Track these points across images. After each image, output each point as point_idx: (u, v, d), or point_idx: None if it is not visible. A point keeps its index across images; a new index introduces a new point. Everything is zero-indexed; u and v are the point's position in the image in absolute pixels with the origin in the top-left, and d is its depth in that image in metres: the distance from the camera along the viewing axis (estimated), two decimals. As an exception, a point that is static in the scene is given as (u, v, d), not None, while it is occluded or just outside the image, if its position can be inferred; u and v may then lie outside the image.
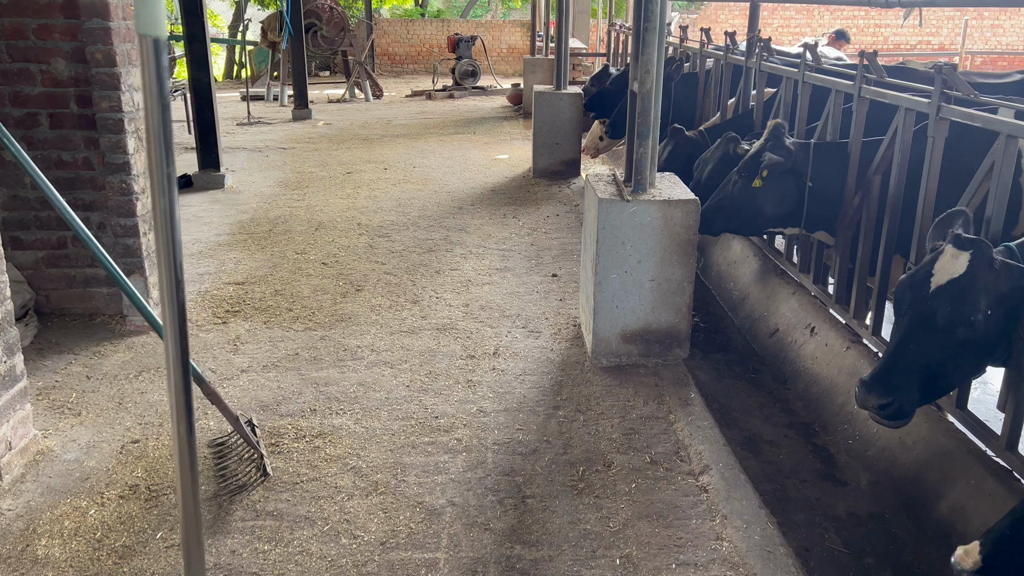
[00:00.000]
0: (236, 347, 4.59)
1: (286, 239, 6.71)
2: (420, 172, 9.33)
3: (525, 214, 7.50)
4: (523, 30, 23.32)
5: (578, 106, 8.59)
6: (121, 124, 4.37)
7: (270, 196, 8.25)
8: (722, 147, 5.25)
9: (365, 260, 6.15)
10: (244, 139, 11.81)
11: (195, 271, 5.90)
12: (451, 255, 6.26)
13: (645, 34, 3.94)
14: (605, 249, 4.11)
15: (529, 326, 4.89)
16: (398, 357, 4.46)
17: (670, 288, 4.19)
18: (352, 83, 16.47)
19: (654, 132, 4.13)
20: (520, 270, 5.91)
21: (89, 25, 4.22)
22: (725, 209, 4.36)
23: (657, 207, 4.05)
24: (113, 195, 4.48)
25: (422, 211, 7.58)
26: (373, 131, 12.40)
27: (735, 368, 4.97)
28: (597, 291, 4.18)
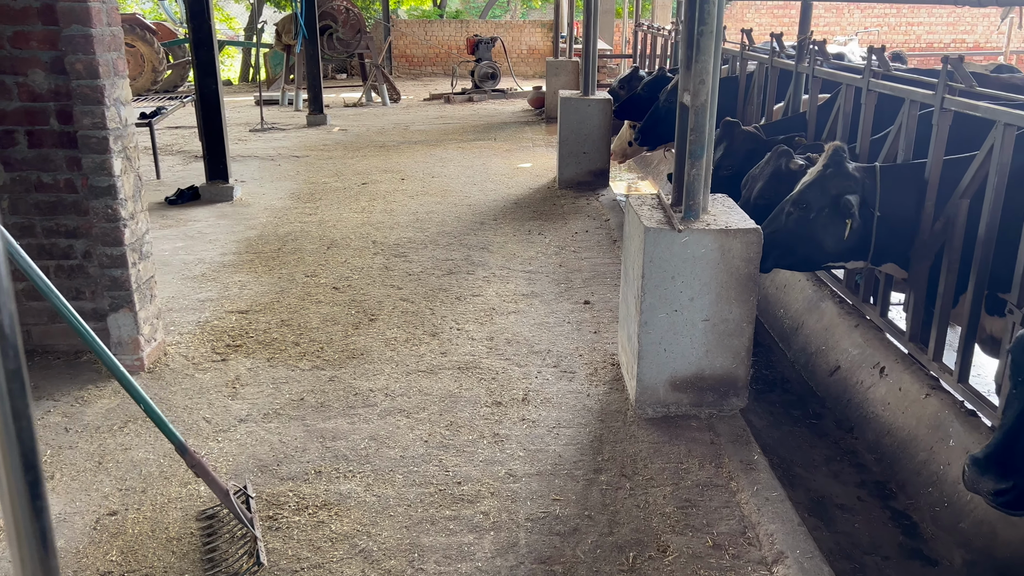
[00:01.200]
0: (235, 390, 4.11)
1: (296, 259, 6.23)
2: (439, 182, 8.84)
3: (551, 230, 6.98)
4: (544, 30, 22.80)
5: (607, 113, 8.06)
6: (106, 143, 3.90)
7: (281, 210, 7.79)
8: (773, 161, 4.71)
9: (380, 284, 5.65)
10: (256, 146, 11.38)
11: (196, 297, 5.43)
12: (473, 278, 5.75)
13: (700, 39, 3.41)
14: (652, 285, 3.58)
15: (561, 364, 4.37)
16: (415, 403, 3.96)
17: (727, 329, 3.65)
18: (369, 86, 16.02)
19: (708, 151, 3.59)
20: (548, 296, 5.40)
21: (68, 32, 3.75)
22: (779, 244, 3.81)
23: (713, 237, 3.52)
24: (98, 221, 4.02)
25: (441, 227, 7.08)
26: (390, 137, 11.92)
27: (793, 412, 4.43)
28: (642, 332, 3.66)
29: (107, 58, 3.85)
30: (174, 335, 4.78)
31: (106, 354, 2.67)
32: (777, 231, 3.77)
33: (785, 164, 4.56)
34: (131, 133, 4.09)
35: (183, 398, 4.02)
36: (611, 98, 8.15)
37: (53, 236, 4.16)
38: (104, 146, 3.89)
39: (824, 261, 3.97)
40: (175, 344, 4.65)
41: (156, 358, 4.39)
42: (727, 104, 7.10)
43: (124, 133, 4.03)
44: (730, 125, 5.32)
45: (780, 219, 3.81)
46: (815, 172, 3.76)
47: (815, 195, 3.69)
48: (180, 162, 10.30)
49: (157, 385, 4.14)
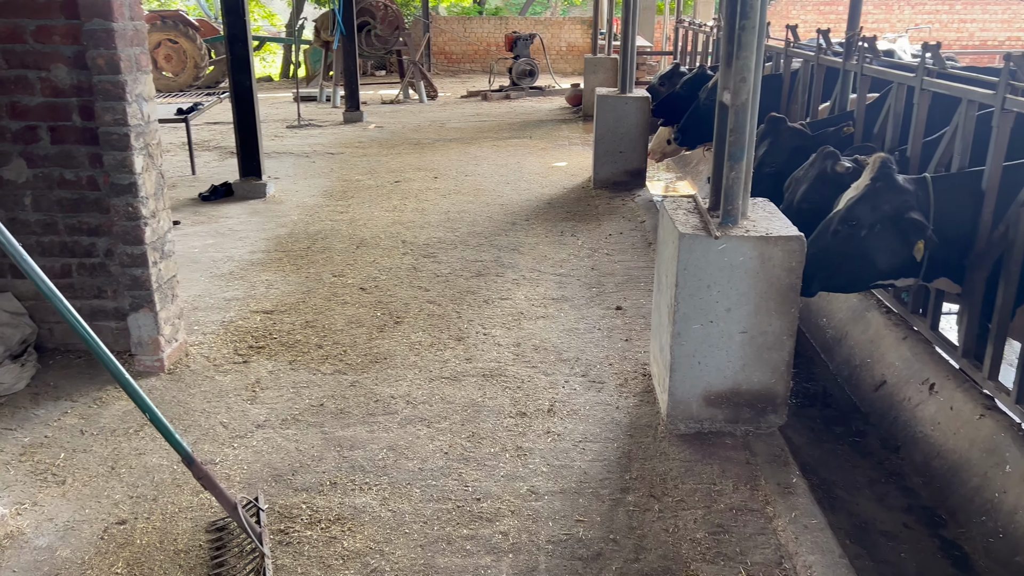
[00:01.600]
0: (255, 394, 4.01)
1: (324, 258, 6.14)
2: (472, 181, 8.70)
3: (585, 231, 6.79)
4: (583, 27, 22.55)
5: (645, 111, 7.85)
6: (127, 139, 3.82)
7: (312, 207, 7.72)
8: (818, 164, 4.47)
9: (407, 285, 5.53)
10: (292, 143, 11.36)
11: (222, 296, 5.36)
12: (502, 280, 5.60)
13: (741, 34, 3.21)
14: (686, 294, 3.39)
15: (590, 374, 4.19)
16: (437, 412, 3.82)
17: (765, 342, 3.45)
18: (406, 83, 15.96)
19: (749, 153, 3.39)
20: (579, 300, 5.22)
21: (90, 27, 3.68)
22: (826, 264, 3.55)
23: (752, 245, 3.32)
24: (119, 220, 3.94)
25: (472, 227, 6.94)
26: (425, 135, 11.83)
27: (835, 428, 4.20)
28: (675, 344, 3.47)
29: (129, 53, 3.77)
30: (197, 335, 4.71)
31: (110, 360, 2.57)
32: (823, 250, 3.53)
33: (831, 167, 4.33)
34: (153, 130, 4.01)
35: (201, 401, 3.93)
36: (649, 96, 7.94)
37: (75, 234, 4.11)
38: (125, 143, 3.82)
39: (873, 281, 3.72)
40: (197, 344, 4.57)
41: (177, 359, 4.32)
42: (770, 102, 6.84)
43: (146, 130, 3.95)
44: (775, 121, 5.09)
45: (826, 237, 3.57)
46: (863, 186, 3.52)
47: (866, 211, 3.45)
48: (216, 158, 10.32)
49: (176, 387, 4.06)
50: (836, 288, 3.92)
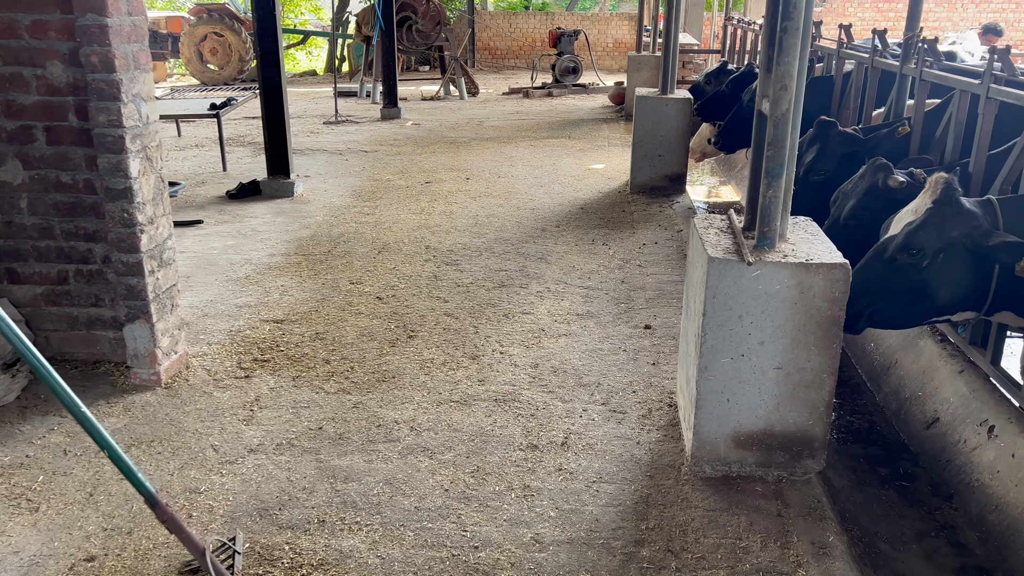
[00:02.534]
0: (252, 414, 3.78)
1: (344, 264, 5.90)
2: (504, 183, 8.41)
3: (617, 240, 6.45)
4: (631, 23, 22.07)
5: (686, 113, 7.46)
6: (121, 142, 3.61)
7: (339, 208, 7.51)
8: (869, 177, 4.08)
9: (426, 295, 5.26)
10: (327, 139, 11.20)
11: (234, 302, 5.16)
12: (525, 292, 5.30)
13: (783, 37, 2.85)
14: (715, 324, 3.06)
15: (611, 402, 3.87)
16: (441, 441, 3.54)
17: (803, 380, 3.09)
18: (447, 80, 15.73)
19: (789, 169, 3.04)
20: (605, 317, 4.89)
21: (83, 22, 3.47)
22: (876, 297, 3.15)
23: (790, 272, 2.96)
24: (114, 226, 3.74)
25: (499, 232, 6.65)
26: (462, 133, 11.57)
27: (880, 470, 3.82)
28: (702, 378, 3.13)
29: (125, 50, 3.56)
30: (202, 344, 4.51)
31: (63, 390, 2.33)
32: (875, 281, 3.14)
33: (883, 181, 3.93)
34: (153, 132, 3.80)
35: (195, 420, 3.71)
36: (691, 97, 7.55)
37: (72, 239, 3.92)
38: (120, 145, 3.60)
39: (930, 317, 3.31)
40: (200, 356, 4.36)
41: (176, 372, 4.11)
42: (819, 106, 6.41)
43: (145, 131, 3.74)
44: (824, 125, 4.69)
45: (877, 267, 3.18)
46: (924, 209, 3.12)
47: (930, 239, 3.04)
48: (249, 154, 10.20)
49: (171, 404, 3.84)
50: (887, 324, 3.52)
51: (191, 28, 19.16)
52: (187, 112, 9.59)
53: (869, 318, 3.30)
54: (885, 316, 3.36)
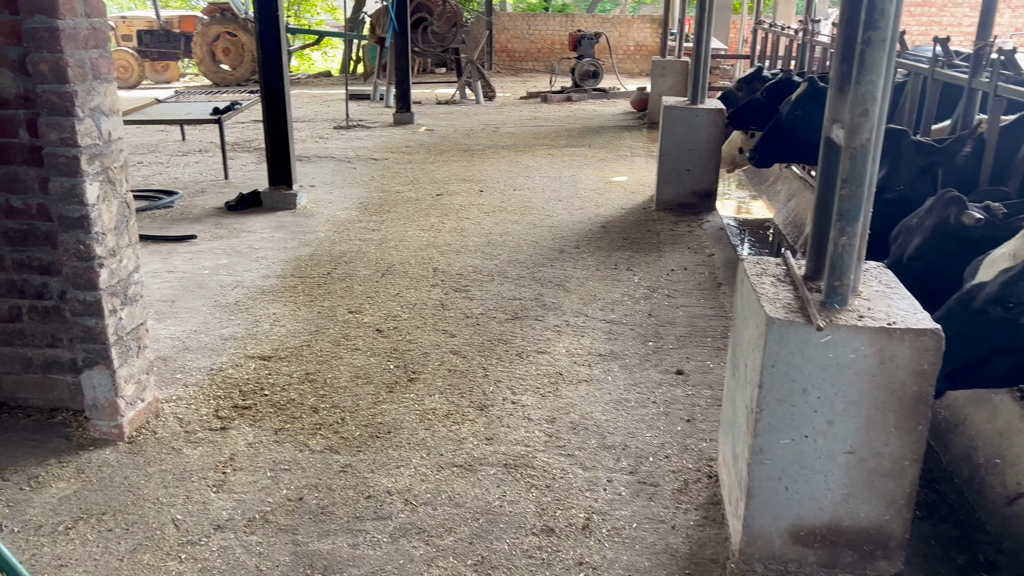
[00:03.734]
0: (224, 477, 3.27)
1: (343, 289, 5.39)
2: (520, 197, 7.87)
3: (642, 264, 5.90)
4: (653, 26, 21.49)
5: (718, 125, 6.90)
6: (76, 163, 3.11)
7: (343, 223, 7.01)
8: (938, 211, 3.52)
9: (431, 328, 4.74)
10: (336, 146, 10.72)
11: (220, 332, 4.66)
12: (541, 326, 4.76)
13: (866, 50, 2.30)
14: (773, 399, 2.51)
15: (640, 470, 3.33)
16: (440, 520, 3.01)
17: (879, 467, 2.54)
18: (463, 83, 15.23)
19: (867, 209, 2.49)
20: (631, 359, 4.35)
21: (30, 24, 2.97)
22: (960, 355, 2.60)
23: (868, 339, 2.41)
24: (69, 259, 3.24)
25: (514, 253, 6.12)
26: (476, 140, 11.05)
27: (955, 556, 3.24)
28: (755, 461, 2.59)
29: (81, 57, 3.06)
30: (178, 386, 4.01)
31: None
32: (960, 336, 2.59)
33: (955, 217, 3.38)
34: (116, 151, 3.30)
35: (158, 485, 3.20)
36: (723, 107, 6.98)
37: (25, 271, 3.43)
38: (74, 167, 3.10)
39: (1022, 381, 2.76)
40: (174, 400, 3.86)
41: (142, 422, 3.61)
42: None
43: (106, 151, 3.24)
44: (896, 134, 4.09)
45: (960, 319, 2.63)
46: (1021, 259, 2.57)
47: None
48: (254, 160, 9.73)
49: (132, 463, 3.34)
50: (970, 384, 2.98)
51: (204, 28, 18.79)
52: (188, 117, 9.13)
53: (951, 379, 2.75)
54: (970, 377, 2.81)
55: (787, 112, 6.09)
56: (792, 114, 6.06)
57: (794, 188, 8.14)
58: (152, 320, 4.85)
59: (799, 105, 6.04)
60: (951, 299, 2.83)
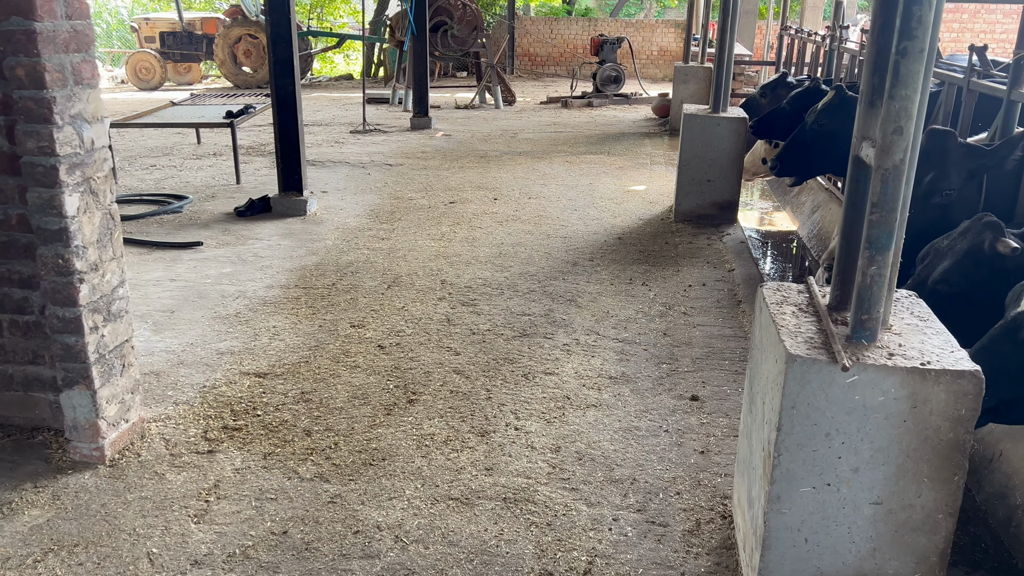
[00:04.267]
0: (206, 507, 3.09)
1: (348, 301, 5.22)
2: (535, 206, 7.67)
3: (659, 279, 5.67)
4: (677, 31, 21.21)
5: (740, 134, 6.66)
6: (54, 173, 2.95)
7: (353, 230, 6.84)
8: (972, 235, 3.27)
9: (435, 345, 4.55)
10: (351, 151, 10.58)
11: (216, 346, 4.50)
12: (550, 345, 4.55)
13: (901, 62, 2.08)
14: (793, 443, 2.28)
15: (649, 508, 3.11)
16: (432, 561, 2.81)
17: (909, 520, 2.30)
18: (482, 87, 15.06)
19: (899, 236, 2.26)
20: (644, 382, 4.12)
21: (6, 27, 2.82)
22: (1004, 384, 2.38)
23: (900, 381, 2.18)
24: (47, 274, 3.08)
25: (525, 266, 5.91)
26: (493, 146, 10.86)
27: (990, 608, 3.00)
28: (772, 510, 2.36)
29: (60, 61, 2.90)
30: (167, 404, 3.84)
31: None
32: (1004, 368, 2.36)
33: (989, 243, 3.14)
34: (99, 160, 3.14)
35: (136, 514, 3.03)
36: (746, 116, 6.73)
37: (5, 284, 3.28)
38: (52, 178, 2.94)
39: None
40: (162, 420, 3.70)
41: (126, 444, 3.44)
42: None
43: (87, 160, 3.07)
44: (941, 136, 3.81)
45: (1004, 350, 2.40)
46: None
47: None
48: (267, 164, 9.61)
49: (111, 489, 3.17)
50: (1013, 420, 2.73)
51: (225, 30, 18.78)
52: (201, 120, 9.02)
53: (993, 414, 2.51)
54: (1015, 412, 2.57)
55: (812, 121, 5.84)
56: (818, 123, 5.80)
57: (819, 200, 7.87)
58: (149, 331, 4.71)
59: (825, 114, 5.79)
60: (994, 329, 2.59)
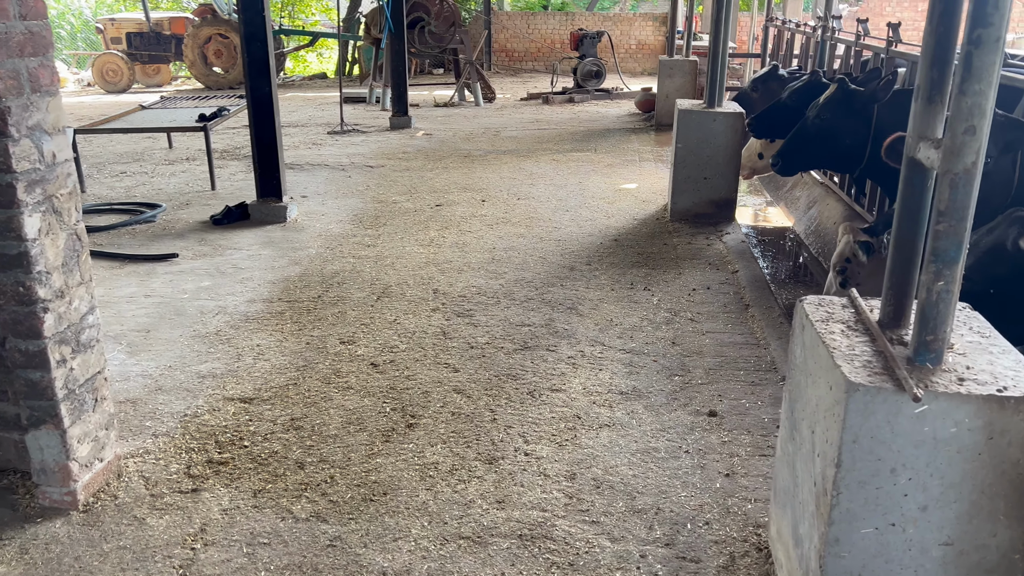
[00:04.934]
0: (191, 556, 2.80)
1: (335, 314, 4.93)
2: (525, 207, 7.41)
3: (660, 283, 5.43)
4: (655, 24, 21.03)
5: (737, 130, 6.43)
6: (12, 192, 2.64)
7: (336, 237, 6.54)
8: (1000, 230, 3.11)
9: (432, 361, 4.28)
10: (330, 152, 10.25)
11: (197, 369, 4.20)
12: (554, 358, 4.30)
13: (974, 53, 1.84)
14: (855, 480, 2.04)
15: (678, 541, 2.86)
16: (447, 611, 2.54)
17: (984, 562, 2.08)
18: (461, 85, 14.76)
19: (964, 249, 2.02)
20: (657, 397, 3.88)
21: (-48, 29, 2.50)
22: None
23: (975, 410, 1.95)
24: (7, 303, 2.77)
25: (520, 271, 5.65)
26: (477, 145, 10.58)
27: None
28: (829, 553, 2.12)
29: (15, 67, 2.59)
30: (146, 436, 3.54)
31: None
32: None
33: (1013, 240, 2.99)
34: (62, 175, 2.83)
35: (114, 568, 2.73)
36: (743, 111, 6.51)
37: (-38, 315, 2.95)
38: (8, 197, 2.64)
39: None
40: (140, 455, 3.40)
41: (101, 485, 3.14)
42: (904, 125, 5.39)
43: (49, 176, 2.77)
44: None
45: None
46: None
47: None
48: (243, 168, 9.27)
49: (85, 538, 2.87)
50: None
51: (195, 30, 18.29)
52: (173, 125, 8.65)
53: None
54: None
55: (815, 116, 5.63)
56: (820, 119, 5.60)
57: (815, 195, 7.68)
58: (123, 354, 4.39)
59: (828, 109, 5.58)
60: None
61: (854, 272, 4.71)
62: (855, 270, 4.71)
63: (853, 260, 4.69)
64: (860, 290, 2.54)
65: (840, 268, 4.73)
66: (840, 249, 4.75)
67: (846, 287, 4.75)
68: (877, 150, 5.48)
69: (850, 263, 4.70)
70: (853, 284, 4.73)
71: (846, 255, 4.71)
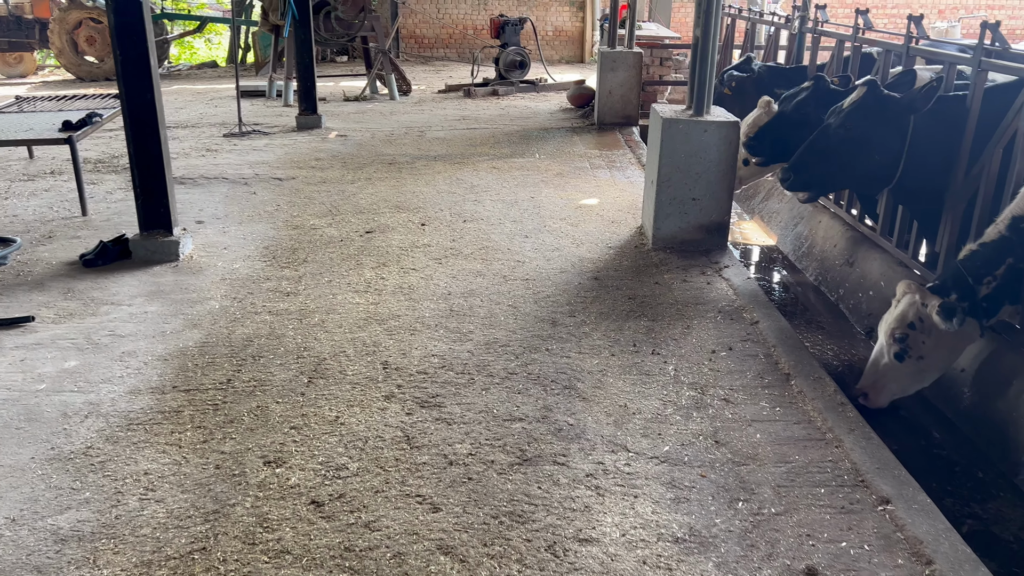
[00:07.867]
0: None
1: (253, 412, 3.62)
2: (474, 232, 6.19)
3: (669, 341, 4.35)
4: (572, 9, 20.01)
5: (732, 142, 5.40)
6: None
7: (245, 282, 5.17)
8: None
9: (397, 492, 3.05)
10: (228, 161, 8.71)
11: (53, 527, 2.83)
12: (567, 478, 3.14)
13: None
14: None
15: None
16: None
17: None
18: (374, 76, 13.32)
19: None
20: (726, 545, 2.79)
21: None
22: None
23: None
24: None
25: (489, 328, 4.46)
26: (401, 148, 9.26)
27: None
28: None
29: None
30: None
31: None
32: None
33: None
34: None
35: None
36: (737, 121, 5.49)
37: None
38: None
39: None
40: None
41: None
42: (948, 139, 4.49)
43: None
44: None
45: None
46: None
47: None
48: (123, 185, 7.66)
49: None
50: None
51: (62, 13, 16.04)
52: (29, 136, 6.95)
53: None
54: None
55: (838, 125, 4.70)
56: (845, 127, 4.69)
57: (799, 210, 6.78)
58: (-60, 503, 2.98)
59: (855, 116, 4.66)
60: None
61: (916, 342, 3.76)
62: (918, 339, 3.75)
63: (919, 326, 3.74)
64: None
65: (900, 336, 3.77)
66: (902, 310, 3.79)
67: (902, 360, 3.80)
68: (912, 168, 4.58)
69: (914, 329, 3.75)
70: (914, 357, 3.79)
71: (910, 319, 3.75)
